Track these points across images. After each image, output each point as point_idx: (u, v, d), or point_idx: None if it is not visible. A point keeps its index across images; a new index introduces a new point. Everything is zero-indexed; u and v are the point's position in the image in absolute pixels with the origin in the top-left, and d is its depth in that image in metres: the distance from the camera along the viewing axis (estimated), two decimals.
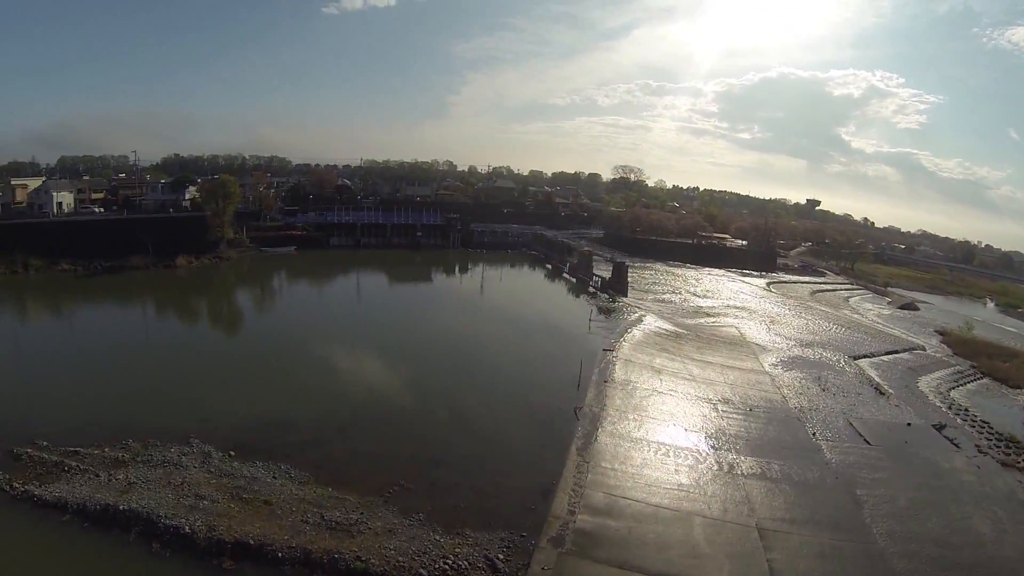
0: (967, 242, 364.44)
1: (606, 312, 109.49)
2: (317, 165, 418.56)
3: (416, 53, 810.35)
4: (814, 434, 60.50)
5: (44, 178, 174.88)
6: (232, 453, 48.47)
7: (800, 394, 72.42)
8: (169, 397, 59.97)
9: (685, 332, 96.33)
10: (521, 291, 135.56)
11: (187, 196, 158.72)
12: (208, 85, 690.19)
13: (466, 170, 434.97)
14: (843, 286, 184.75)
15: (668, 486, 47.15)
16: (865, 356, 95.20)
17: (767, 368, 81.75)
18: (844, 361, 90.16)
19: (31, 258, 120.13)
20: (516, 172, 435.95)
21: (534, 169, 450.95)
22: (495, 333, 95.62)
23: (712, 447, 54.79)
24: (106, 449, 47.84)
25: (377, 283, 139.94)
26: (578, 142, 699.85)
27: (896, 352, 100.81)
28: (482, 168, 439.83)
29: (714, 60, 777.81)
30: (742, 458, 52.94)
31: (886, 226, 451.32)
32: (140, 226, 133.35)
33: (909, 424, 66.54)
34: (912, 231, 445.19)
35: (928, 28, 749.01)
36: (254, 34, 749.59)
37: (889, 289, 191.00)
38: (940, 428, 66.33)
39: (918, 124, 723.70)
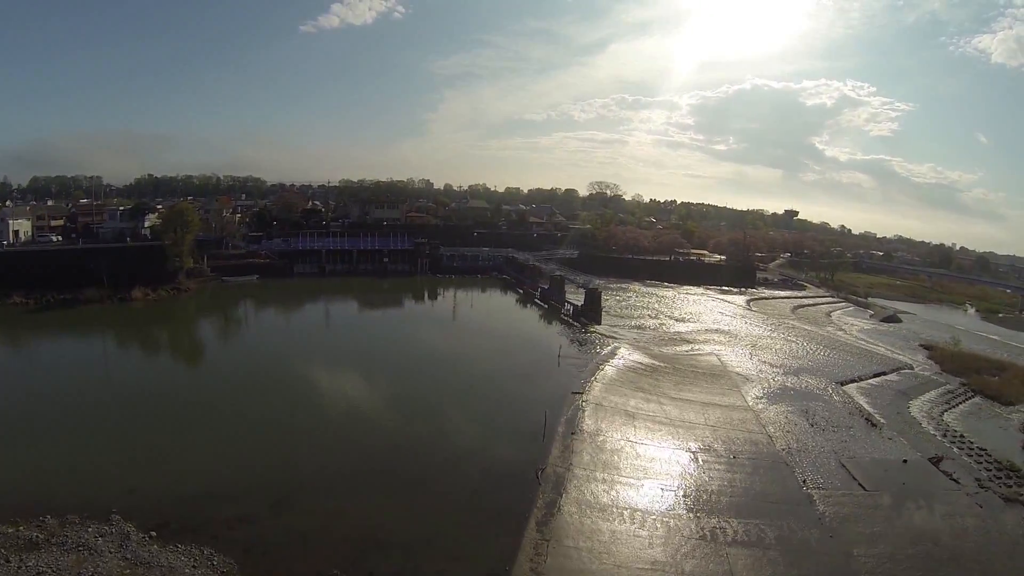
0: (942, 245, 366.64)
1: (578, 343, 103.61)
2: (292, 185, 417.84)
3: (393, 71, 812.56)
4: (804, 481, 55.00)
5: (2, 204, 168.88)
6: (153, 534, 42.24)
7: (787, 432, 67.02)
8: (99, 459, 53.83)
9: (662, 365, 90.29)
10: (488, 321, 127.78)
11: (147, 223, 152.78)
12: (185, 104, 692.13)
13: (441, 188, 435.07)
14: (824, 300, 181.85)
15: (641, 565, 41.01)
16: (853, 381, 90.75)
17: (751, 403, 76.18)
18: (832, 388, 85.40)
19: None
20: (493, 189, 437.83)
21: (510, 186, 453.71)
22: (456, 374, 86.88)
23: (691, 509, 48.61)
24: (21, 527, 41.90)
25: (336, 316, 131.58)
26: (556, 157, 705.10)
27: (884, 374, 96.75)
28: (458, 186, 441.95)
29: (689, 73, 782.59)
30: (725, 521, 46.88)
31: (862, 232, 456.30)
32: (95, 256, 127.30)
33: (905, 461, 61.47)
34: (888, 236, 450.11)
35: (897, 38, 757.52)
36: (231, 53, 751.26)
37: (870, 300, 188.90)
38: (937, 462, 61.63)
39: (890, 131, 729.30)
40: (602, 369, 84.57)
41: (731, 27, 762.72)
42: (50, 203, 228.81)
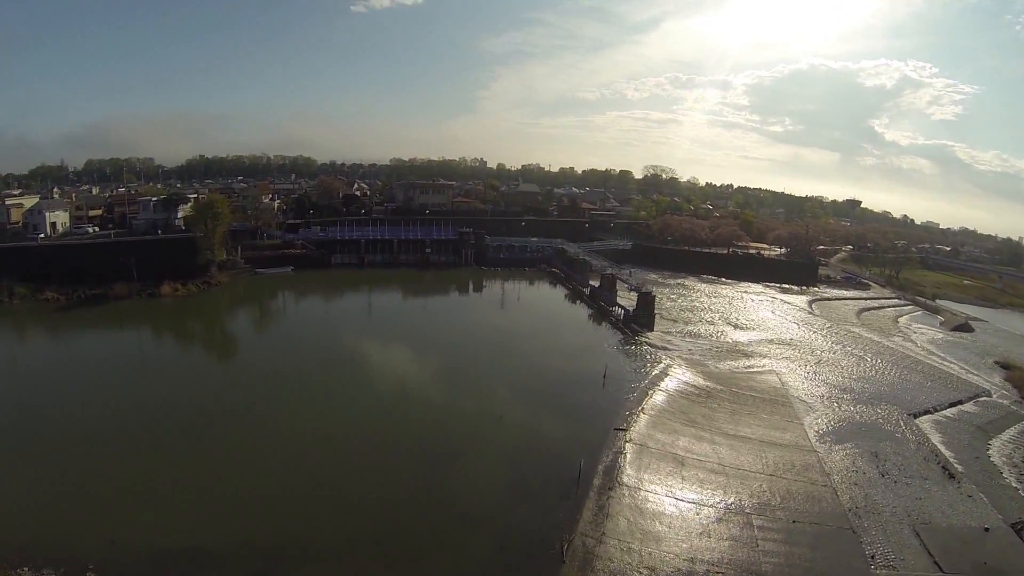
0: (1010, 240, 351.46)
1: (627, 356, 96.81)
2: (343, 164, 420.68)
3: (445, 49, 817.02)
4: (872, 556, 47.96)
5: (54, 190, 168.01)
6: None
7: (854, 484, 59.73)
8: (89, 493, 50.23)
9: (717, 387, 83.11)
10: (530, 325, 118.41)
11: (179, 215, 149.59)
12: (238, 84, 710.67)
13: (494, 168, 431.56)
14: (890, 302, 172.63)
15: None
16: (926, 412, 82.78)
17: (814, 441, 68.80)
18: (903, 422, 77.62)
19: (17, 285, 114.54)
20: (546, 168, 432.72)
21: (564, 166, 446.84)
22: (487, 398, 77.34)
23: None
24: None
25: (374, 312, 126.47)
26: (609, 136, 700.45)
27: (960, 403, 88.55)
28: (511, 166, 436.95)
29: (743, 52, 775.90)
30: None
31: (924, 222, 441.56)
32: (125, 249, 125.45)
33: (987, 529, 54.03)
34: (952, 228, 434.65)
35: (960, 17, 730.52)
36: (284, 34, 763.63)
37: (938, 303, 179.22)
38: (1021, 529, 54.29)
39: (953, 115, 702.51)
40: (651, 396, 77.67)
41: (786, 5, 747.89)
42: (94, 191, 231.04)
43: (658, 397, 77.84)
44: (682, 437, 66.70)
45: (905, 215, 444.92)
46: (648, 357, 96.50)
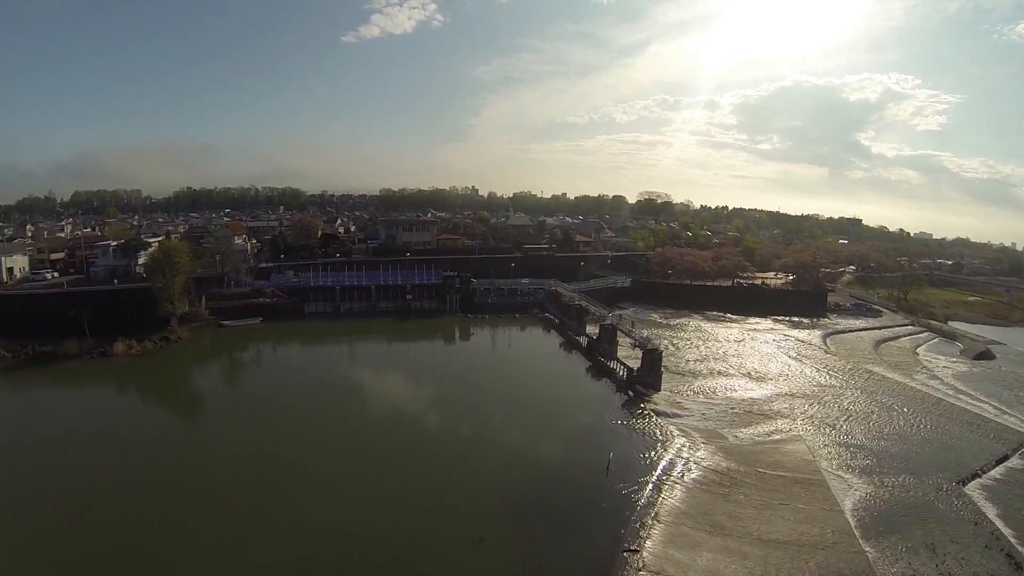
0: (1004, 246, 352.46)
1: (633, 431, 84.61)
2: (332, 195, 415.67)
3: (435, 78, 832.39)
4: None
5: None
6: None
7: None
8: None
9: (741, 469, 72.24)
10: (519, 392, 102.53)
11: (140, 261, 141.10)
12: (230, 115, 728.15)
13: (486, 196, 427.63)
14: (904, 329, 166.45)
15: None
16: (974, 476, 74.29)
17: (859, 537, 58.44)
18: (952, 492, 68.91)
19: None
20: (539, 195, 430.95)
21: (556, 192, 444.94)
22: (458, 512, 60.32)
23: None
24: None
25: (342, 376, 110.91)
26: (600, 160, 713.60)
27: (1006, 458, 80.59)
28: (502, 194, 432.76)
29: (729, 72, 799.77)
30: None
31: (917, 233, 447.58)
32: (78, 300, 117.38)
33: None
34: (947, 238, 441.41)
35: (940, 28, 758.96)
36: (276, 64, 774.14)
37: (951, 325, 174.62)
38: None
39: (938, 125, 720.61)
40: (664, 493, 65.94)
41: (769, 24, 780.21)
42: (67, 228, 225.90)
43: (674, 494, 66.10)
44: (705, 552, 55.27)
45: (901, 229, 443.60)
46: (658, 432, 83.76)
